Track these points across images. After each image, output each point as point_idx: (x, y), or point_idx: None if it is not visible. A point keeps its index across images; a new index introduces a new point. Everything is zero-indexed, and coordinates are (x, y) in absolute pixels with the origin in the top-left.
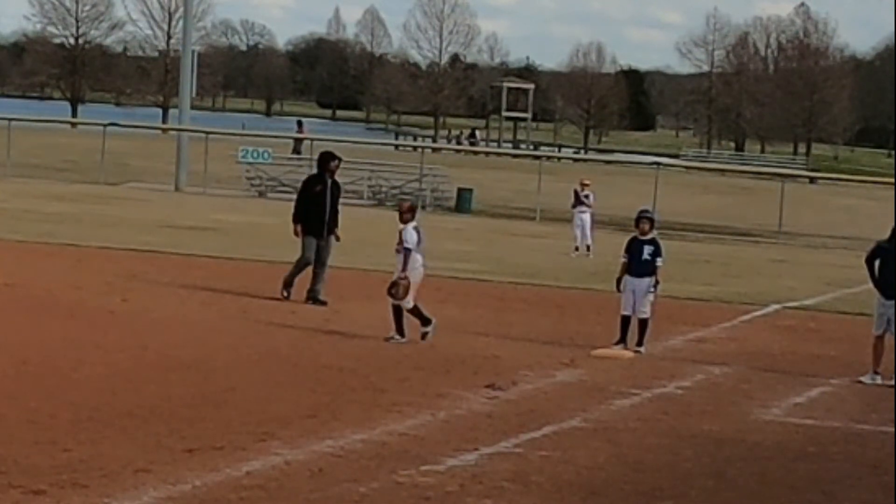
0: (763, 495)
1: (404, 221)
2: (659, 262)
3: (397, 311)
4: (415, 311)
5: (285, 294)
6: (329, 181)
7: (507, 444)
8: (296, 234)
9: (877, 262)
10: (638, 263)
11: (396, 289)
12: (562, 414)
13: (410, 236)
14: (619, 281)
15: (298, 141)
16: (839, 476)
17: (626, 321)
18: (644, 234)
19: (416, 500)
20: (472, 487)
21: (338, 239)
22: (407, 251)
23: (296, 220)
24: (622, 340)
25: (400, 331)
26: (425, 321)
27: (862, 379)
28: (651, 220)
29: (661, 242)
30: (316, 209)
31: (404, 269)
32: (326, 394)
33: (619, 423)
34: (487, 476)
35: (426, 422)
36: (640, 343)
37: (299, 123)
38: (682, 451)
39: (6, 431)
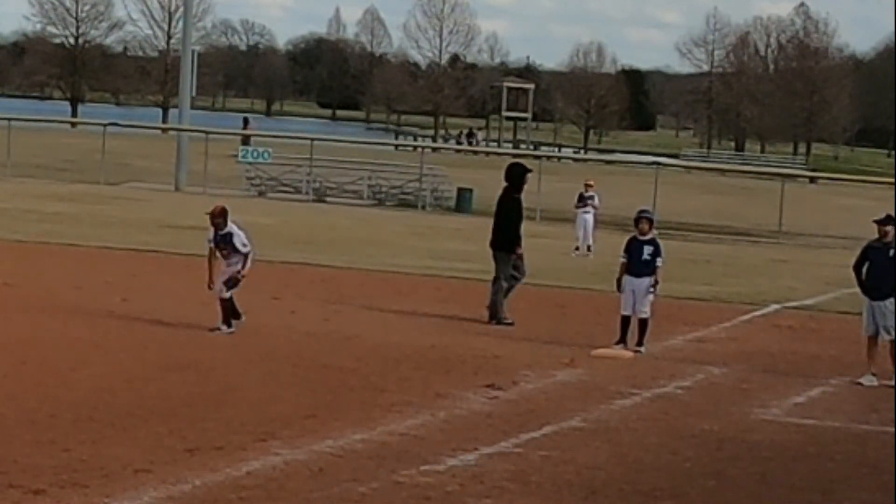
0: (763, 495)
1: (219, 227)
2: (659, 262)
3: (225, 303)
4: (229, 303)
5: (496, 321)
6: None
7: (507, 444)
8: (520, 254)
9: (864, 267)
10: (638, 263)
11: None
12: (562, 414)
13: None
14: (619, 281)
15: (246, 138)
16: (839, 476)
17: (626, 321)
18: (643, 234)
19: (416, 500)
20: (472, 487)
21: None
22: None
23: (518, 240)
24: (622, 340)
25: (226, 321)
26: (228, 319)
27: (861, 381)
28: (650, 221)
29: (661, 242)
30: (518, 225)
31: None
32: (326, 394)
33: (619, 423)
34: (487, 476)
35: (426, 422)
36: (640, 343)
37: (245, 121)
38: (682, 451)
39: (6, 431)
